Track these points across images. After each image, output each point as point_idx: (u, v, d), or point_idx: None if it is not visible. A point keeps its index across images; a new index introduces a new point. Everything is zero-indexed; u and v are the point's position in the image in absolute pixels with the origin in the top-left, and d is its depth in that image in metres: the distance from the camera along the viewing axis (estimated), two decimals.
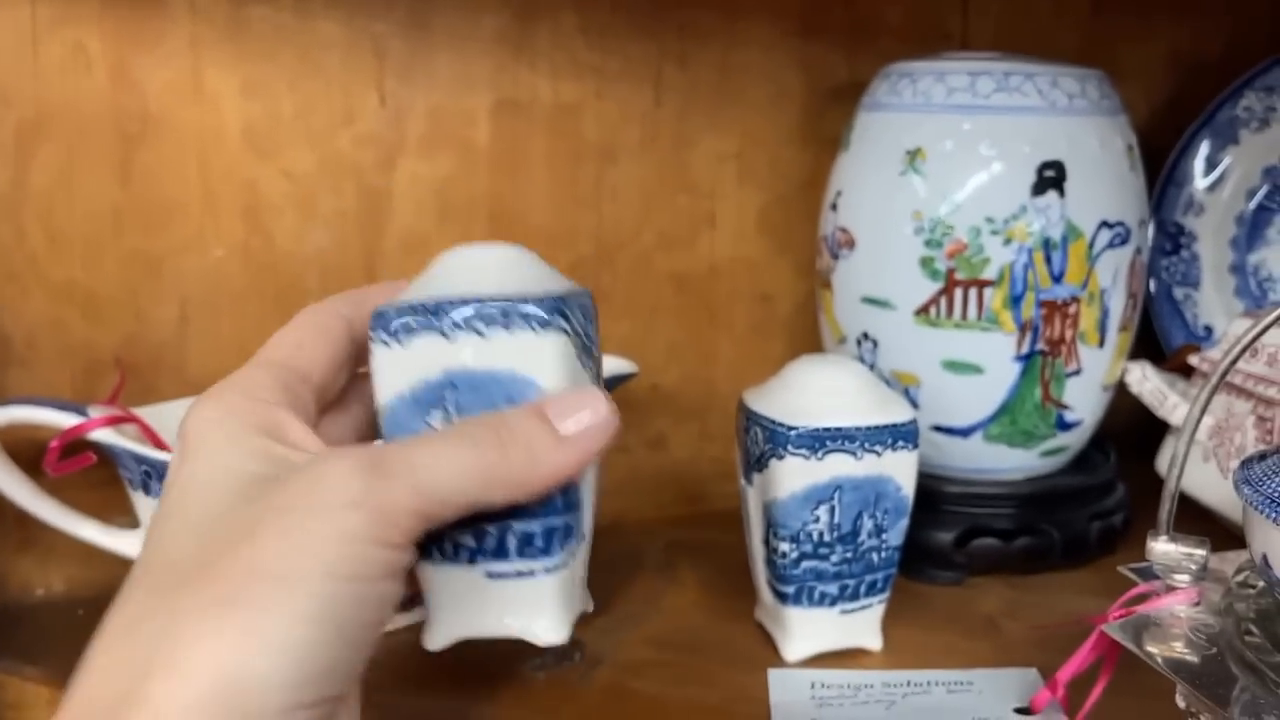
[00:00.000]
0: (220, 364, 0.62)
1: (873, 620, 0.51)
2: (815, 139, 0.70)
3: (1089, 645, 0.41)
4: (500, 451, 0.32)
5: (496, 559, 0.37)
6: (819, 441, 0.47)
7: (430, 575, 0.37)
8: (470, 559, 0.38)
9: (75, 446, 0.51)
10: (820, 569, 0.49)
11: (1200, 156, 0.73)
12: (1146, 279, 0.65)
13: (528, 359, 0.36)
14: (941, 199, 0.56)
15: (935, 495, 0.58)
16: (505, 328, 0.35)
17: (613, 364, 0.59)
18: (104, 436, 0.51)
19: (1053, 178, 0.55)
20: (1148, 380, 0.61)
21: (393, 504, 0.30)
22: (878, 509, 0.48)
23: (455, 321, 0.35)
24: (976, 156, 0.56)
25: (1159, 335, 0.73)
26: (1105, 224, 0.57)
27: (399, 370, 0.36)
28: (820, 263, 0.62)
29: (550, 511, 0.37)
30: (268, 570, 0.28)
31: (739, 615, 0.54)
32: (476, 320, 0.35)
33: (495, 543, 0.37)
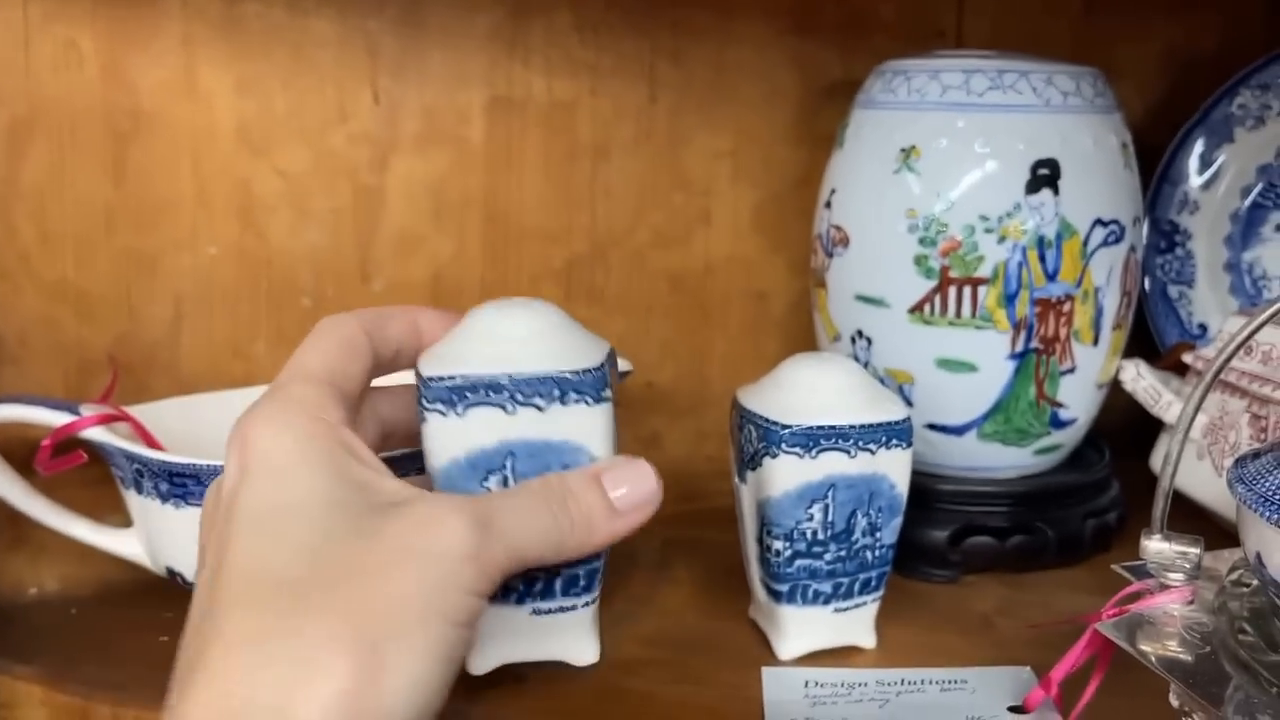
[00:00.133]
0: (213, 362, 0.63)
1: (867, 619, 0.51)
2: (809, 137, 0.70)
3: (1082, 644, 0.41)
4: (569, 521, 0.36)
5: (544, 599, 0.42)
6: (812, 440, 0.47)
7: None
8: (519, 600, 0.42)
9: (67, 445, 0.51)
10: (814, 567, 0.48)
11: (1195, 154, 0.73)
12: (1141, 277, 0.65)
13: (581, 428, 0.39)
14: (936, 197, 0.56)
15: (929, 493, 0.58)
16: (562, 402, 0.39)
17: None
18: (96, 435, 0.50)
19: (1047, 176, 0.55)
20: (1142, 378, 0.61)
21: (492, 560, 0.33)
22: (871, 507, 0.48)
23: (515, 398, 0.39)
24: (971, 154, 0.55)
25: (1154, 333, 0.73)
26: (1100, 222, 0.57)
27: (455, 438, 0.39)
28: (815, 261, 0.62)
29: (594, 557, 0.41)
30: (401, 610, 0.30)
31: (733, 613, 0.53)
32: (536, 397, 0.39)
33: (544, 586, 0.41)
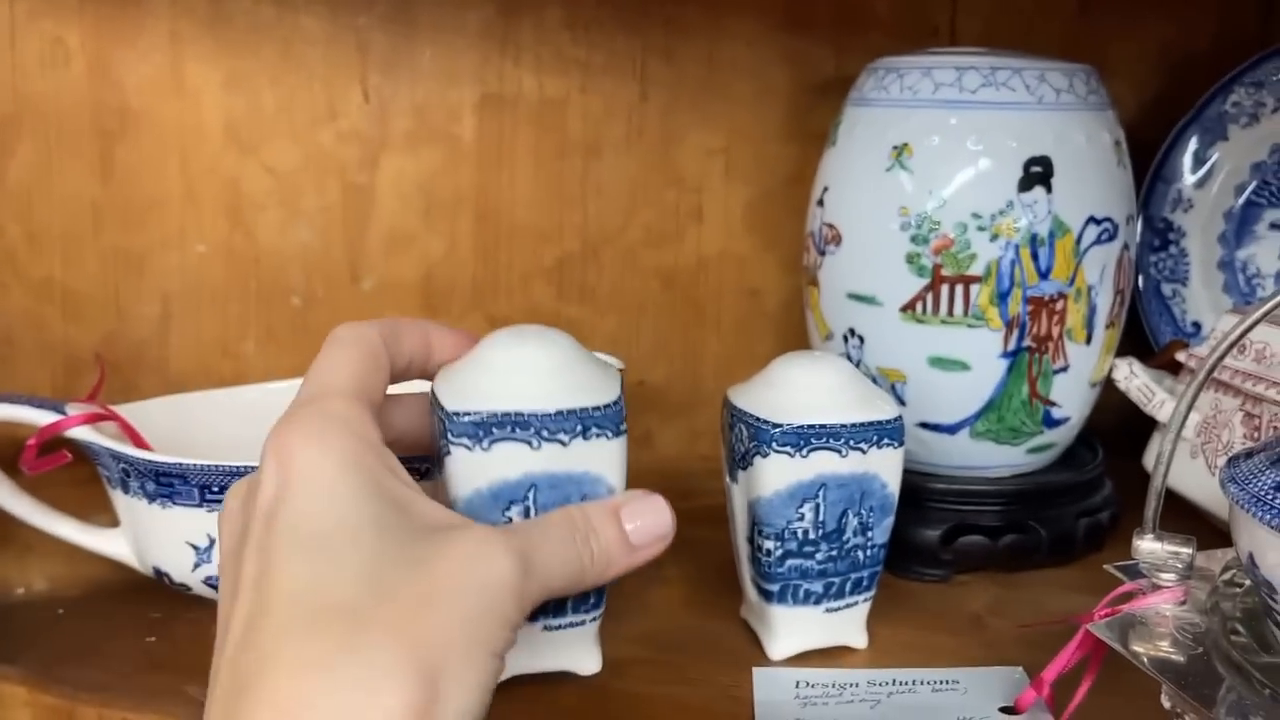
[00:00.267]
0: (202, 361, 0.62)
1: (858, 618, 0.50)
2: (802, 134, 0.69)
3: (1074, 644, 0.41)
4: (590, 556, 0.38)
5: (555, 616, 0.44)
6: (803, 439, 0.46)
7: None
8: (533, 618, 0.43)
9: (53, 444, 0.51)
10: (805, 567, 0.48)
11: (1189, 152, 0.73)
12: (1135, 275, 0.65)
13: (601, 460, 0.41)
14: (928, 194, 0.55)
15: (921, 492, 0.58)
16: (584, 437, 0.40)
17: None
18: (82, 434, 0.50)
19: (1040, 173, 0.55)
20: (1135, 377, 0.61)
21: (529, 595, 0.35)
22: (863, 507, 0.48)
23: (541, 433, 0.40)
24: (963, 152, 0.55)
25: (1148, 332, 0.73)
26: (1093, 220, 0.56)
27: (479, 470, 0.40)
28: (807, 259, 0.62)
29: None
30: (454, 641, 0.31)
31: (725, 613, 0.53)
32: (560, 432, 0.40)
33: (556, 604, 0.43)
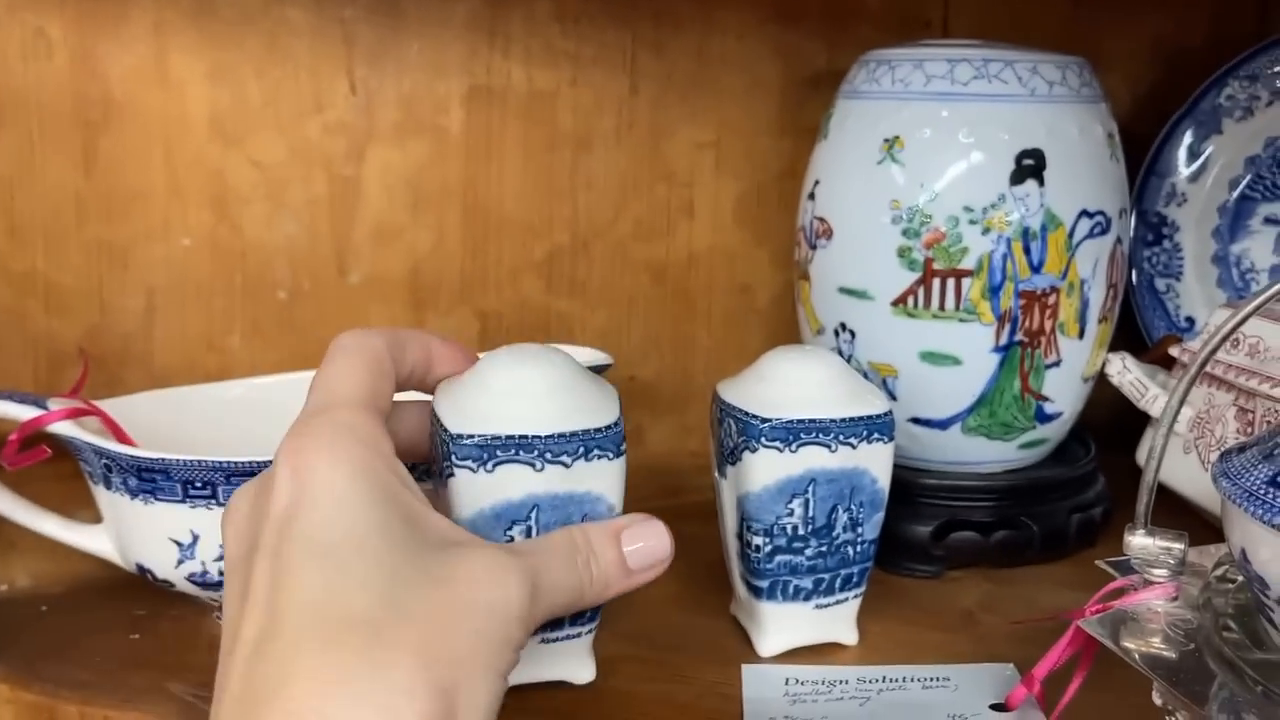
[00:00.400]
0: (187, 356, 0.62)
1: (848, 615, 0.50)
2: (793, 128, 0.69)
3: (1065, 640, 0.41)
4: (590, 579, 0.38)
5: (551, 630, 0.44)
6: (792, 434, 0.46)
7: None
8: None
9: (35, 439, 0.50)
10: (794, 563, 0.48)
11: (1183, 146, 0.72)
12: (1128, 270, 0.64)
13: (602, 480, 0.41)
14: (919, 188, 0.55)
15: (912, 488, 0.57)
16: (586, 458, 0.41)
17: (587, 355, 0.58)
18: (64, 429, 0.49)
19: (1032, 166, 0.54)
20: (1128, 371, 0.61)
21: (534, 618, 0.35)
22: (853, 502, 0.48)
23: (544, 456, 0.40)
24: (955, 145, 0.55)
25: (1141, 327, 0.73)
26: (1085, 213, 0.56)
27: (483, 491, 0.40)
28: (798, 253, 0.61)
29: None
30: (466, 661, 0.32)
31: (715, 610, 0.53)
32: (563, 455, 0.40)
33: (553, 620, 0.41)
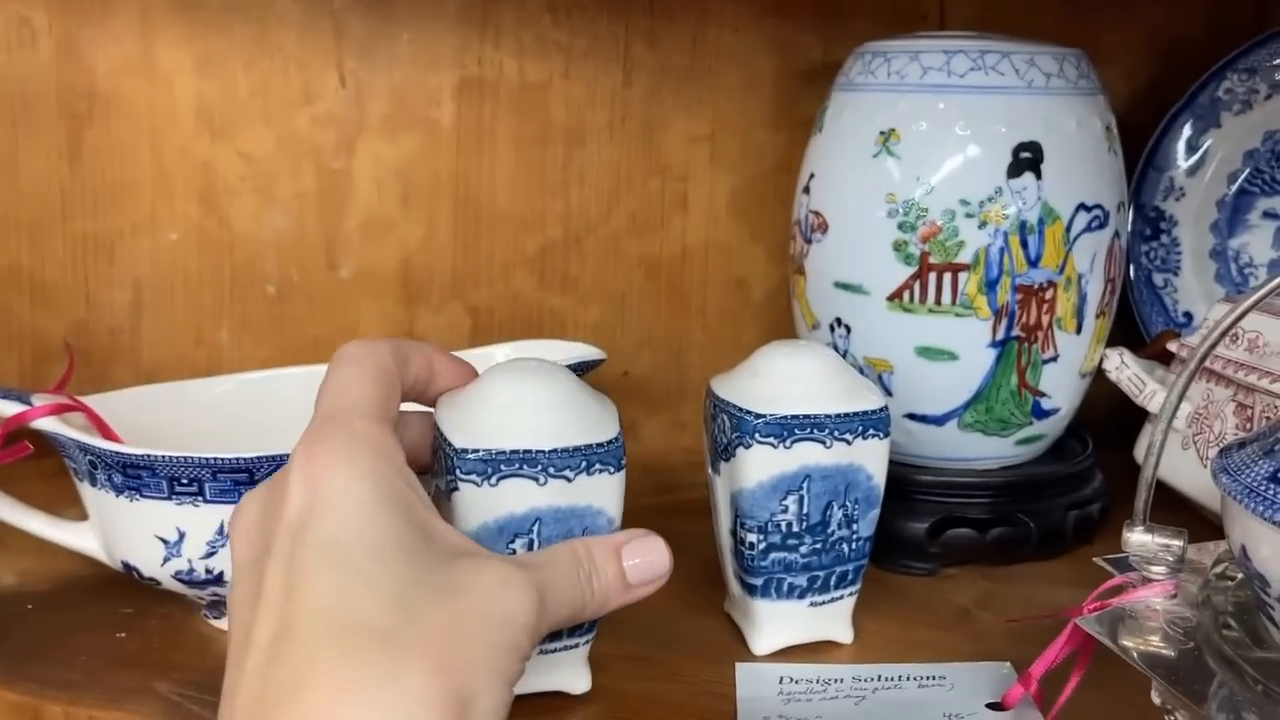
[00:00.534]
0: (175, 351, 0.61)
1: (843, 612, 0.49)
2: (788, 121, 0.68)
3: (1063, 638, 0.40)
4: (591, 593, 0.39)
5: (550, 641, 0.44)
6: (787, 430, 0.46)
7: None
8: None
9: (18, 436, 0.50)
10: (789, 560, 0.47)
11: (1181, 140, 0.72)
12: (1126, 264, 0.64)
13: (603, 494, 0.42)
14: (915, 181, 0.54)
15: (908, 484, 0.57)
16: (588, 472, 0.41)
17: (580, 350, 0.58)
18: (48, 425, 0.49)
19: (1029, 159, 0.54)
20: (1126, 367, 0.60)
21: (540, 631, 0.36)
22: (848, 499, 0.47)
23: (548, 470, 0.41)
24: (951, 137, 0.54)
25: (1139, 322, 0.72)
26: (1083, 207, 0.55)
27: (486, 504, 0.41)
28: (793, 247, 0.61)
29: None
30: (478, 672, 0.33)
31: (709, 608, 0.52)
32: (566, 469, 0.41)
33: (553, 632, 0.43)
